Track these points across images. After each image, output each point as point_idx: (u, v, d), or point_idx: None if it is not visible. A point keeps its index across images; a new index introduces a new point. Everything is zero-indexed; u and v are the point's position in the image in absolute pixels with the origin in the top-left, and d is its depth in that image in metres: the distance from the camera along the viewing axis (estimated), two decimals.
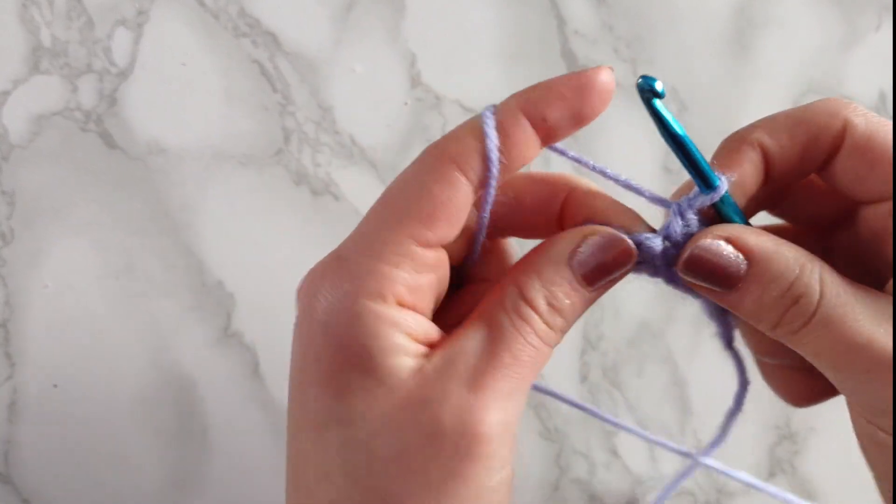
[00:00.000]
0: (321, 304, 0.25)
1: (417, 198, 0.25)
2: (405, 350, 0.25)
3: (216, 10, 0.46)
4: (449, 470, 0.25)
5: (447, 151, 0.25)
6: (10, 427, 0.45)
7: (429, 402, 0.24)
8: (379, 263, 0.25)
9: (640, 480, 0.49)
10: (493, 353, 0.25)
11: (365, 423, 0.25)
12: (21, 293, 0.45)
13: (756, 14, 0.50)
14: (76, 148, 0.45)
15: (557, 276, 0.26)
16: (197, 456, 0.46)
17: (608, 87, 0.26)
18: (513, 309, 0.25)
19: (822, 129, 0.26)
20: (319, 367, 0.25)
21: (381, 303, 0.25)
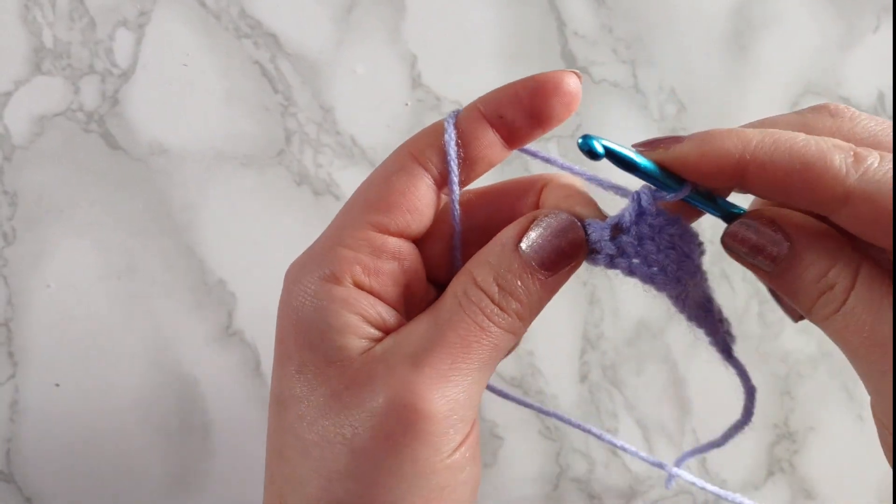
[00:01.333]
0: (289, 287, 0.27)
1: (376, 188, 0.27)
2: (356, 331, 0.26)
3: (217, 11, 0.46)
4: (392, 448, 0.25)
5: (408, 147, 0.27)
6: (12, 426, 0.45)
7: (372, 381, 0.25)
8: (337, 247, 0.26)
9: (639, 479, 0.49)
10: (438, 334, 0.25)
11: (315, 400, 0.26)
12: (23, 293, 0.45)
13: (755, 15, 0.50)
14: (78, 148, 0.45)
15: (506, 259, 0.26)
16: (198, 453, 0.46)
17: (569, 91, 0.26)
18: (462, 293, 0.26)
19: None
20: (283, 347, 0.27)
21: (335, 284, 0.26)
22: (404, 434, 0.25)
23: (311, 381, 0.26)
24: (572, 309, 0.49)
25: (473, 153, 0.27)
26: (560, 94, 0.26)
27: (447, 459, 0.26)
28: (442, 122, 0.27)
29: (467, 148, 0.27)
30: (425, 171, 0.27)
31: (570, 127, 0.49)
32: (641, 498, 0.49)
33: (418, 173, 0.27)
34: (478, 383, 0.26)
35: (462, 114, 0.27)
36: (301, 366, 0.26)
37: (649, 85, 0.49)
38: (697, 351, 0.49)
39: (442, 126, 0.27)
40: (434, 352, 0.25)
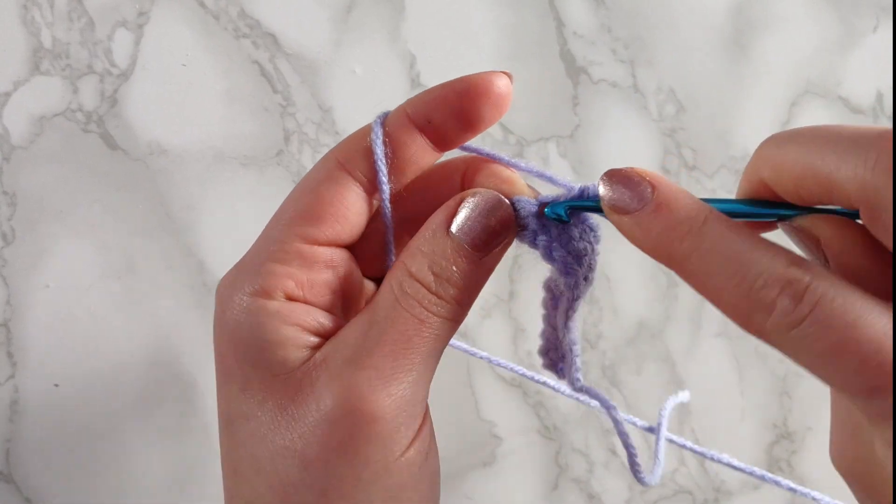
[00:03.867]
0: (222, 304, 0.26)
1: (305, 199, 0.26)
2: (295, 342, 0.25)
3: (217, 11, 0.46)
4: (343, 454, 0.24)
5: (334, 154, 0.27)
6: (12, 426, 0.45)
7: (316, 389, 0.25)
8: (267, 262, 0.26)
9: None
10: (377, 332, 0.25)
11: (263, 416, 0.25)
12: (23, 293, 0.45)
13: (754, 15, 0.50)
14: (77, 149, 0.45)
15: (438, 245, 0.26)
16: (198, 453, 0.46)
17: (499, 92, 0.26)
18: (398, 287, 0.26)
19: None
20: (223, 365, 0.26)
21: (267, 298, 0.25)
22: (354, 439, 0.24)
23: (257, 398, 0.25)
24: None
25: (402, 158, 0.26)
26: (489, 96, 0.26)
27: (401, 458, 0.25)
28: (369, 125, 0.27)
29: (395, 152, 0.26)
30: (353, 180, 0.26)
31: (569, 126, 0.49)
32: (641, 498, 0.49)
33: (345, 182, 0.26)
34: (423, 376, 0.26)
35: (389, 118, 0.27)
36: (244, 383, 0.26)
37: (648, 85, 0.49)
38: (697, 351, 0.49)
39: (369, 130, 0.26)
40: (374, 352, 0.25)
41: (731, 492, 0.50)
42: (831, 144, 0.23)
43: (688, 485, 0.50)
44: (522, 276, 0.48)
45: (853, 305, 0.21)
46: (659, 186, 0.25)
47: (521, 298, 0.48)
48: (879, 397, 0.21)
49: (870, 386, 0.21)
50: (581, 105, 0.49)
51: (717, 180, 0.50)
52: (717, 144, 0.50)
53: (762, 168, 0.25)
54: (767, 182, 0.25)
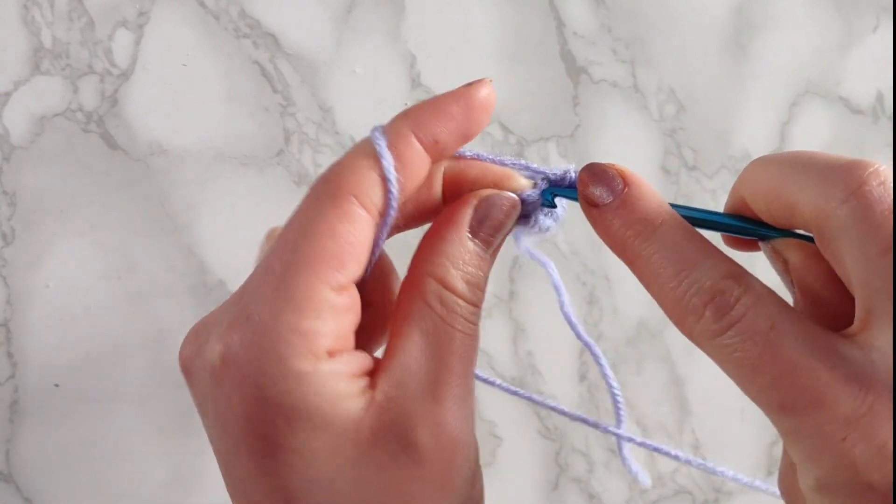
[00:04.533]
0: (243, 371, 0.24)
1: (323, 240, 0.24)
2: (349, 393, 0.24)
3: (217, 11, 0.46)
4: (440, 485, 0.24)
5: (345, 187, 0.25)
6: (12, 426, 0.45)
7: (395, 428, 0.24)
8: (301, 320, 0.23)
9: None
10: (440, 359, 0.24)
11: (338, 479, 0.24)
12: (22, 293, 0.45)
13: (754, 15, 0.50)
14: (77, 149, 0.45)
15: (465, 252, 0.26)
16: (198, 454, 0.46)
17: (490, 102, 0.26)
18: (440, 303, 0.25)
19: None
20: (261, 443, 0.24)
21: (314, 360, 0.23)
22: (447, 471, 0.24)
23: (327, 458, 0.24)
24: (572, 309, 0.49)
25: (408, 179, 0.25)
26: (487, 106, 0.26)
27: (476, 477, 0.26)
28: (373, 150, 0.25)
29: (403, 177, 0.25)
30: (367, 214, 0.25)
31: (569, 127, 0.49)
32: (641, 498, 0.49)
33: (362, 218, 0.24)
34: (473, 383, 0.26)
35: (395, 139, 0.25)
36: (306, 449, 0.24)
37: (649, 85, 0.49)
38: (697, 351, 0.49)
39: (375, 156, 0.25)
40: (446, 380, 0.24)
41: (731, 492, 0.50)
42: (801, 169, 0.24)
43: (688, 485, 0.50)
44: (522, 276, 0.48)
45: (777, 323, 0.22)
46: (631, 185, 0.25)
47: (521, 298, 0.48)
48: (789, 415, 0.22)
49: (780, 403, 0.22)
50: (581, 105, 0.49)
51: (717, 180, 0.50)
52: (717, 144, 0.50)
53: (742, 187, 0.26)
54: (746, 201, 0.26)
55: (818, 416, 0.21)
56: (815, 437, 0.21)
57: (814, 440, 0.21)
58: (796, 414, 0.21)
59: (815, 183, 0.23)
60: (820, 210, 0.23)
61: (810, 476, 0.22)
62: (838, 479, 0.21)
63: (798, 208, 0.23)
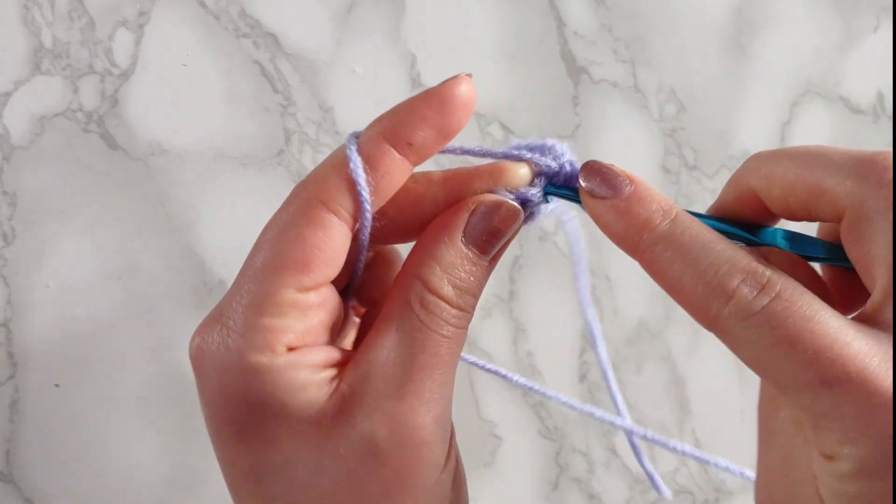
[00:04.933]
0: (212, 365, 0.25)
1: (291, 246, 0.25)
2: (314, 382, 0.25)
3: (217, 10, 0.46)
4: (397, 482, 0.24)
5: (314, 193, 0.25)
6: (12, 426, 0.45)
7: (355, 422, 0.24)
8: (261, 318, 0.24)
9: (639, 479, 0.49)
10: (411, 357, 0.25)
11: (301, 462, 0.25)
12: (23, 293, 0.45)
13: (754, 15, 0.50)
14: (78, 149, 0.45)
15: (457, 256, 0.26)
16: (198, 454, 0.46)
17: (470, 97, 0.26)
18: (420, 304, 0.25)
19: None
20: (230, 429, 0.25)
21: (271, 354, 0.24)
22: (407, 466, 0.24)
23: (290, 444, 0.25)
24: (572, 309, 0.49)
25: (383, 185, 0.25)
26: (466, 102, 0.26)
27: (442, 474, 0.26)
28: (342, 152, 0.25)
29: (378, 183, 0.25)
30: (337, 219, 0.25)
31: (570, 126, 0.49)
32: (641, 498, 0.49)
33: (330, 223, 0.25)
34: (451, 388, 0.26)
35: (367, 146, 0.25)
36: (268, 438, 0.25)
37: (649, 85, 0.49)
38: (697, 351, 0.49)
39: (344, 158, 0.25)
40: (412, 378, 0.25)
41: (731, 492, 0.50)
42: (823, 158, 0.24)
43: (688, 485, 0.50)
44: (522, 276, 0.48)
45: (810, 303, 0.22)
46: (637, 182, 0.25)
47: (521, 298, 0.48)
48: (830, 391, 0.21)
49: (822, 378, 0.21)
50: (582, 105, 0.49)
51: (717, 180, 0.50)
52: (717, 144, 0.50)
53: (752, 177, 0.26)
54: (756, 190, 0.26)
55: (863, 389, 0.21)
56: (859, 412, 0.21)
57: (856, 416, 0.21)
58: (839, 387, 0.21)
59: (849, 171, 0.23)
60: (856, 195, 0.23)
61: (849, 461, 0.21)
62: (883, 458, 0.21)
63: (828, 194, 0.24)
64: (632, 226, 0.25)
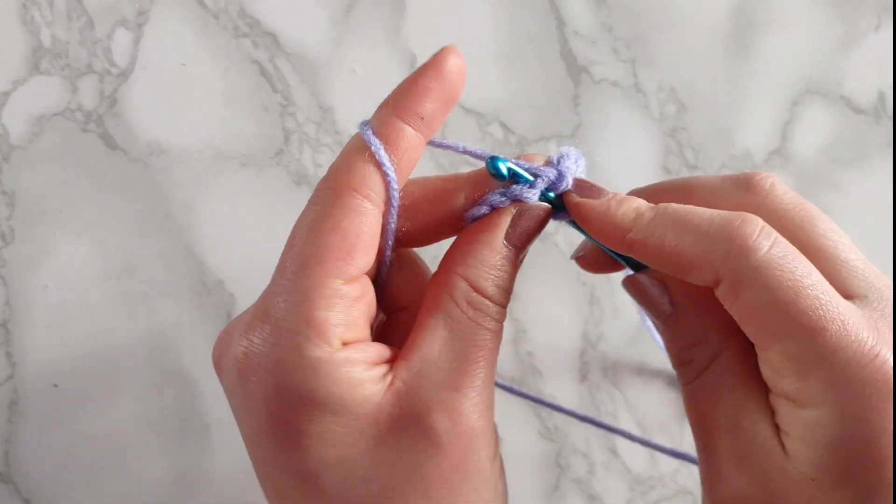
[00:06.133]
0: (264, 366, 0.25)
1: (331, 236, 0.25)
2: (366, 379, 0.25)
3: (216, 10, 0.46)
4: (457, 471, 0.25)
5: (343, 182, 0.26)
6: (11, 426, 0.45)
7: (416, 415, 0.25)
8: (313, 311, 0.25)
9: (640, 480, 0.49)
10: (463, 352, 0.26)
11: (357, 460, 0.25)
12: (21, 293, 0.45)
13: (755, 14, 0.50)
14: (77, 148, 0.45)
15: (498, 257, 0.27)
16: (198, 454, 0.46)
17: (461, 64, 0.27)
18: (467, 303, 0.26)
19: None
20: (286, 429, 0.25)
21: (328, 348, 0.25)
22: (468, 457, 0.25)
23: (345, 441, 0.25)
24: (572, 309, 0.49)
25: (405, 164, 0.27)
26: (460, 70, 0.27)
27: (494, 461, 0.27)
28: (363, 143, 0.26)
29: (399, 161, 0.26)
30: (371, 203, 0.26)
31: (570, 126, 0.49)
32: (642, 499, 0.49)
33: (366, 208, 0.26)
34: (493, 378, 0.27)
35: (382, 127, 0.26)
36: (322, 435, 0.25)
37: (649, 84, 0.49)
38: None
39: (366, 148, 0.26)
40: (468, 372, 0.26)
41: None
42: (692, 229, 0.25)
43: (688, 485, 0.49)
44: (522, 276, 0.48)
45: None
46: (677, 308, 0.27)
47: (522, 298, 0.48)
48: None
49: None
50: (582, 104, 0.49)
51: None
52: (718, 144, 0.50)
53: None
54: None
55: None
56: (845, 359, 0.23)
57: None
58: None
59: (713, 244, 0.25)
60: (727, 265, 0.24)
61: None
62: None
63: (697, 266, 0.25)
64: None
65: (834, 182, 0.51)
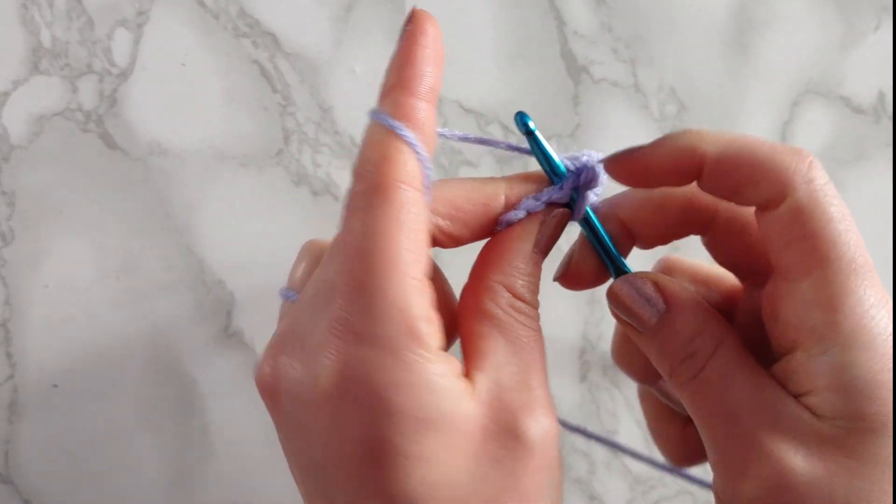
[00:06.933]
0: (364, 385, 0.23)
1: (396, 236, 0.24)
2: (462, 391, 0.25)
3: (216, 10, 0.46)
4: (546, 472, 0.26)
5: (388, 175, 0.25)
6: (11, 427, 0.45)
7: (504, 422, 0.25)
8: (411, 321, 0.24)
9: (640, 480, 0.49)
10: (525, 357, 0.26)
11: (460, 477, 0.24)
12: (21, 293, 0.45)
13: (755, 14, 0.50)
14: (77, 148, 0.45)
15: (531, 265, 0.28)
16: (197, 455, 0.46)
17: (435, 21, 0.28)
18: (513, 309, 0.27)
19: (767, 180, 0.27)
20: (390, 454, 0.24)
21: (429, 357, 0.24)
22: (553, 452, 0.26)
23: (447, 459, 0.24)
24: (572, 309, 0.49)
25: (429, 140, 0.27)
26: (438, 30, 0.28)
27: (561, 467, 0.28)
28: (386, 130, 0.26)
29: (425, 138, 0.26)
30: (418, 192, 0.25)
31: (570, 126, 0.49)
32: (642, 498, 0.49)
33: (416, 199, 0.25)
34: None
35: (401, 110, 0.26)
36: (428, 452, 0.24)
37: (649, 84, 0.49)
38: None
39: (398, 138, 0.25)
40: (534, 375, 0.26)
41: None
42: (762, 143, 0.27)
43: (689, 485, 0.49)
44: None
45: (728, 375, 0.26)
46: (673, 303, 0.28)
47: None
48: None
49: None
50: (582, 104, 0.49)
51: None
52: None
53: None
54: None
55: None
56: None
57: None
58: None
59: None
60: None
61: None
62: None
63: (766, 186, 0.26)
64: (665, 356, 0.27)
65: (834, 182, 0.51)
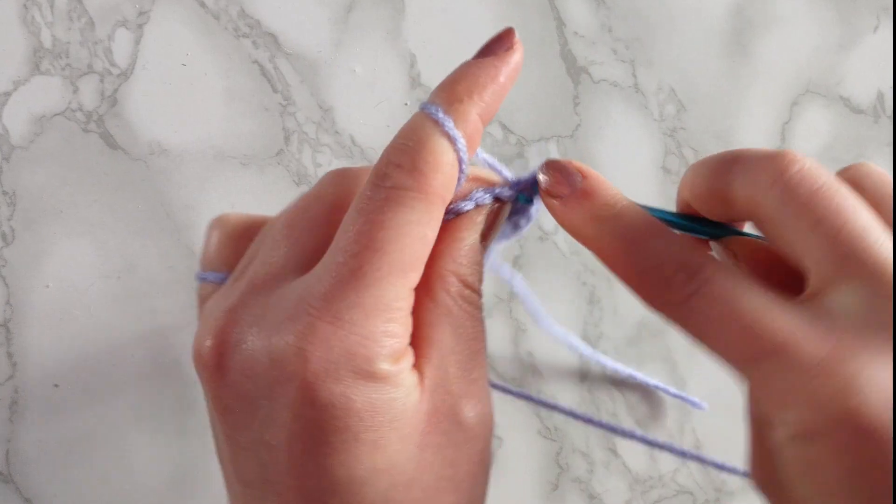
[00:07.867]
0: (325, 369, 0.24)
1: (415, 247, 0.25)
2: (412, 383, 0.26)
3: (217, 10, 0.46)
4: (481, 456, 0.27)
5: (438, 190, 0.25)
6: (12, 426, 0.45)
7: (445, 409, 0.26)
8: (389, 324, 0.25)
9: (640, 479, 0.49)
10: (468, 343, 0.27)
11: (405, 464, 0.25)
12: (22, 293, 0.45)
13: (755, 15, 0.50)
14: (77, 148, 0.45)
15: (477, 252, 0.28)
16: (198, 454, 0.46)
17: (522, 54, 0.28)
18: (461, 297, 0.27)
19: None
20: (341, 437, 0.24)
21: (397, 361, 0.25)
22: (488, 438, 0.27)
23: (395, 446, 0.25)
24: (572, 309, 0.49)
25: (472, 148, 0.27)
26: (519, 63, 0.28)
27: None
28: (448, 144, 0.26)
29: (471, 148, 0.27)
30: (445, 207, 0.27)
31: (570, 127, 0.49)
32: (642, 498, 0.49)
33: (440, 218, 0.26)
34: None
35: (466, 127, 0.26)
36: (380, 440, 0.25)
37: (649, 85, 0.49)
38: (698, 351, 0.49)
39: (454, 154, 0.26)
40: (475, 362, 0.27)
41: (732, 492, 0.50)
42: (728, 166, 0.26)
43: (688, 485, 0.50)
44: (522, 276, 0.48)
45: (739, 283, 0.24)
46: (588, 177, 0.27)
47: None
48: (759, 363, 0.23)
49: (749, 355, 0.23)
50: (582, 105, 0.49)
51: None
52: (718, 144, 0.50)
53: (683, 191, 0.29)
54: (690, 203, 0.28)
55: (787, 357, 0.22)
56: (787, 378, 0.22)
57: (785, 382, 0.22)
58: (766, 359, 0.23)
59: (743, 176, 0.25)
60: (751, 199, 0.25)
61: (788, 426, 0.23)
62: (813, 422, 0.22)
63: (732, 202, 0.26)
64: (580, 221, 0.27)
65: None
